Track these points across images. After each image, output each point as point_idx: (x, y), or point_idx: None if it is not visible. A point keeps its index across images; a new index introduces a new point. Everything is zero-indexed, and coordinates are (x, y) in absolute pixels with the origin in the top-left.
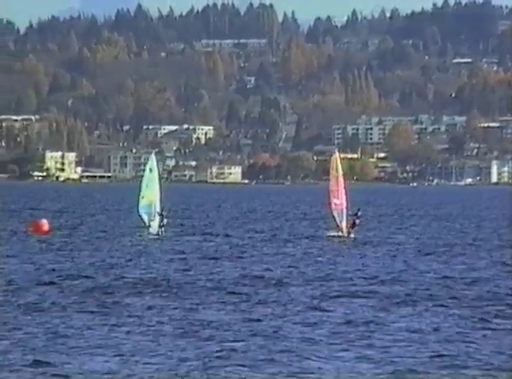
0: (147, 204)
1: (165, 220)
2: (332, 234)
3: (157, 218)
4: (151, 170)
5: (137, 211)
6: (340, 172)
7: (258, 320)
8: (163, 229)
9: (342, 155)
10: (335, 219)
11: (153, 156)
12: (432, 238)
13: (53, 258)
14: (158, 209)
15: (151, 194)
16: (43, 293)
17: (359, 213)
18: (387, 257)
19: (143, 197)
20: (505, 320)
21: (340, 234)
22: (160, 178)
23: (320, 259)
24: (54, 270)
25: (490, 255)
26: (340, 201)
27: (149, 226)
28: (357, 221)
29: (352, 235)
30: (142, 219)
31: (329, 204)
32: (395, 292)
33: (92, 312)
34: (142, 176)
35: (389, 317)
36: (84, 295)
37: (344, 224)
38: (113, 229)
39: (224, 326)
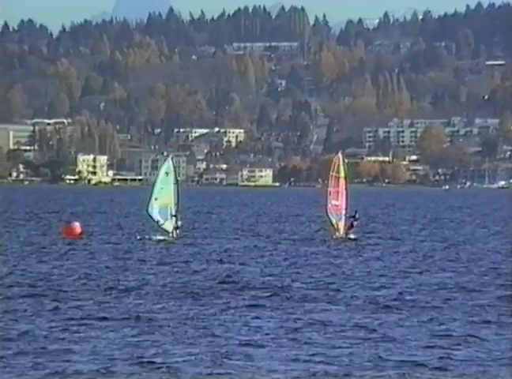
0: (162, 206)
1: (179, 222)
2: (332, 236)
3: (172, 220)
4: (167, 173)
5: (147, 211)
6: (343, 174)
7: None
8: (178, 231)
9: (373, 158)
10: (331, 221)
11: (170, 160)
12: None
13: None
14: (173, 212)
15: (166, 197)
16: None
17: (357, 216)
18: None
19: (156, 199)
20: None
21: (337, 235)
22: (177, 182)
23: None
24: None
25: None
26: (339, 203)
27: (161, 227)
28: (354, 223)
29: (352, 236)
30: (152, 218)
31: (326, 206)
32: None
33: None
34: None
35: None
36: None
37: (341, 225)
38: (131, 232)
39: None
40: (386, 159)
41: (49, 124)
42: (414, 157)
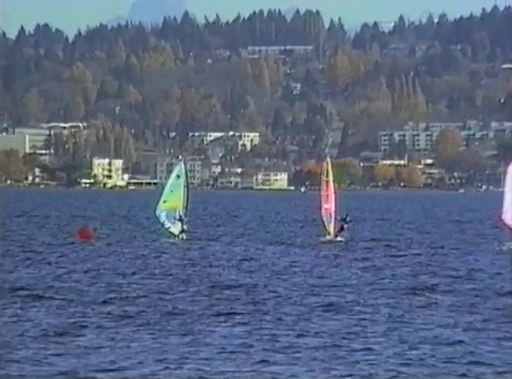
0: (170, 209)
1: (185, 226)
2: (324, 239)
3: (178, 224)
4: (178, 176)
5: (154, 212)
6: (331, 177)
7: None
8: (183, 234)
9: (389, 162)
10: (324, 224)
11: (182, 163)
12: None
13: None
14: (181, 215)
15: (175, 200)
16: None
17: (348, 218)
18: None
19: (165, 202)
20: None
21: (328, 237)
22: (188, 185)
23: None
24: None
25: None
26: (329, 206)
27: (168, 229)
28: (345, 226)
29: (339, 238)
30: (159, 220)
31: (320, 209)
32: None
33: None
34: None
35: None
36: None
37: (331, 227)
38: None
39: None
40: (402, 162)
41: (65, 128)
42: (429, 161)
